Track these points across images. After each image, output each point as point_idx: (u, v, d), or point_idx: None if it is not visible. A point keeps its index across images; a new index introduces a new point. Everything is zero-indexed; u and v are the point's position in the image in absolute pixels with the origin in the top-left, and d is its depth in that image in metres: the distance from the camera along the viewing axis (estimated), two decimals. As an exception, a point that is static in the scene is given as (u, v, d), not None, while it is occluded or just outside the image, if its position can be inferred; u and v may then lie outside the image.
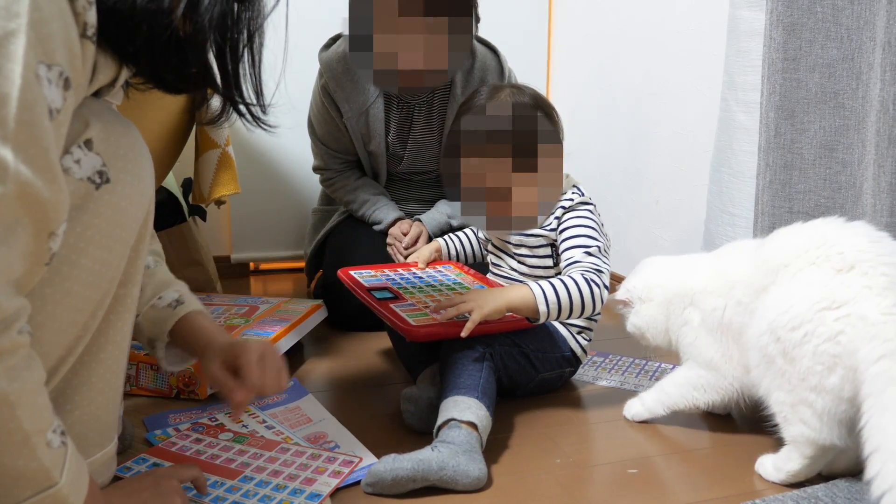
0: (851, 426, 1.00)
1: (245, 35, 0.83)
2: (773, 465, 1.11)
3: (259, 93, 0.88)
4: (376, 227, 1.92)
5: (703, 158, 1.77)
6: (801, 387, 1.04)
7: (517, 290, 1.29)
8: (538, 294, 1.26)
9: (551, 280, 1.29)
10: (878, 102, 1.12)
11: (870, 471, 0.90)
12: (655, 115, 2.05)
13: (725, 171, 1.43)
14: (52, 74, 0.66)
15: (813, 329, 1.02)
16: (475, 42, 1.82)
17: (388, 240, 1.88)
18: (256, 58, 0.86)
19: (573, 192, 1.41)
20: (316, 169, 2.02)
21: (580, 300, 1.26)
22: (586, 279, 1.28)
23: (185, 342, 1.05)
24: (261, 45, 0.86)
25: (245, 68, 0.85)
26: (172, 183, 2.11)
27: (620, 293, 1.36)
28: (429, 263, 1.63)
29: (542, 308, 1.25)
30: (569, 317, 1.28)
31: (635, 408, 1.33)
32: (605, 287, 1.29)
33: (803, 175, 1.26)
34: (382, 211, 1.92)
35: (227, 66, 0.84)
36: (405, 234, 1.85)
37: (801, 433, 1.05)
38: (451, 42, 1.51)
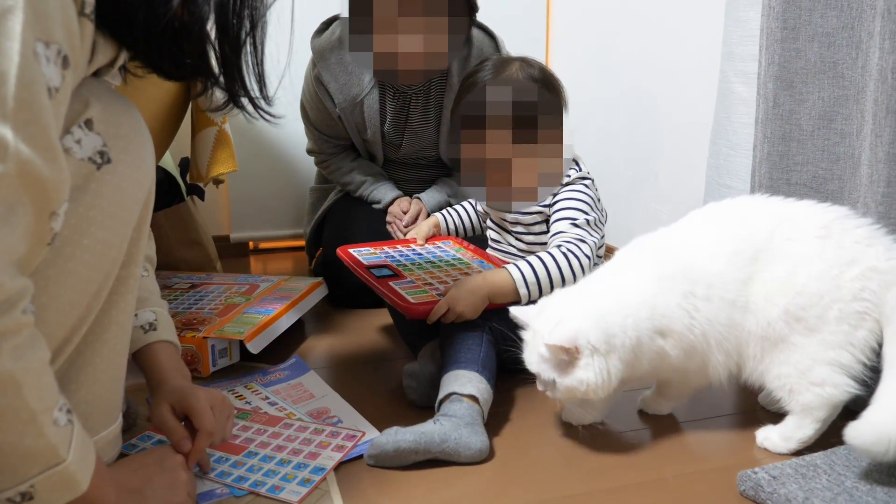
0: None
1: (247, 25, 0.83)
2: (781, 436, 1.12)
3: (262, 84, 0.88)
4: (375, 206, 1.92)
5: (702, 132, 1.76)
6: (818, 351, 1.06)
7: (496, 277, 1.29)
8: (517, 277, 1.27)
9: (529, 259, 1.29)
10: (877, 71, 1.11)
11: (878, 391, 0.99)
12: (655, 89, 2.04)
13: (723, 143, 1.43)
14: (50, 52, 0.65)
15: (834, 296, 1.05)
16: (473, 28, 1.81)
17: (388, 218, 1.88)
18: (259, 48, 0.85)
19: (571, 168, 1.41)
20: (310, 151, 2.02)
21: (559, 275, 1.28)
22: (563, 252, 1.29)
23: (143, 369, 1.06)
24: (263, 35, 0.85)
25: (247, 59, 0.85)
26: (170, 163, 2.10)
27: (558, 338, 1.03)
28: (427, 239, 1.63)
29: (523, 290, 1.27)
30: (552, 291, 1.28)
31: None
32: (587, 256, 1.30)
33: (801, 146, 1.25)
34: (381, 190, 1.92)
35: (227, 56, 0.83)
36: (405, 213, 1.85)
37: (818, 395, 1.06)
38: (451, 25, 1.51)
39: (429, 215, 1.84)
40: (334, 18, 1.83)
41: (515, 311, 1.16)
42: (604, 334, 1.04)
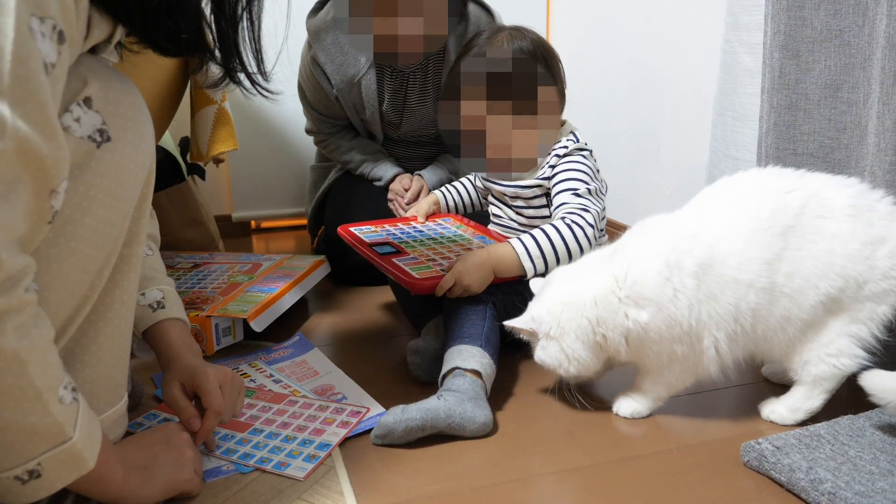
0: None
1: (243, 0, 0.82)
2: (789, 408, 1.12)
3: (259, 59, 0.87)
4: (377, 184, 1.92)
5: (705, 103, 1.75)
6: (842, 325, 1.06)
7: (500, 251, 1.28)
8: (521, 252, 1.27)
9: (532, 232, 1.29)
10: (885, 39, 1.10)
11: None
12: (657, 61, 2.03)
13: (730, 114, 1.42)
14: (45, 28, 0.64)
15: (868, 275, 1.04)
16: (469, 3, 1.79)
17: (389, 195, 1.88)
18: (256, 23, 0.84)
19: (568, 140, 1.40)
20: (309, 131, 2.01)
21: (564, 246, 1.27)
22: (567, 223, 1.28)
23: (154, 347, 1.07)
24: (260, 9, 0.84)
25: (244, 34, 0.84)
26: (170, 142, 2.10)
27: (516, 322, 1.16)
28: (428, 216, 1.63)
29: (528, 264, 1.26)
30: (559, 263, 1.28)
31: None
32: (591, 225, 1.28)
33: (808, 116, 1.24)
34: (381, 168, 1.91)
35: (224, 32, 0.82)
36: (406, 190, 1.84)
37: (832, 366, 1.07)
38: (450, 2, 1.50)
39: (430, 192, 1.83)
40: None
41: (534, 285, 1.21)
42: (554, 319, 1.11)
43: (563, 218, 1.29)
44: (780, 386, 1.23)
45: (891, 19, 1.08)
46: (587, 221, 1.28)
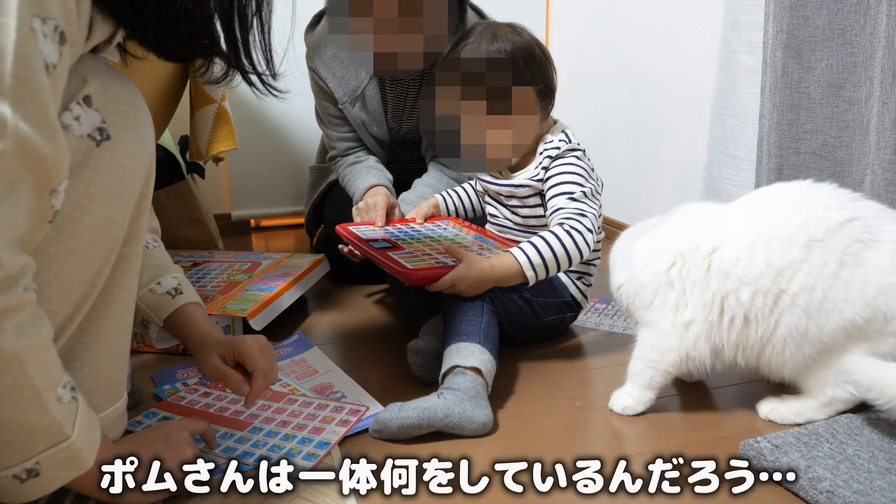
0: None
1: (254, 2, 0.83)
2: (793, 412, 1.11)
3: (269, 59, 0.88)
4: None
5: (704, 102, 1.76)
6: (863, 340, 1.04)
7: (504, 264, 1.27)
8: (522, 261, 1.26)
9: (532, 240, 1.28)
10: (885, 38, 1.10)
11: None
12: (656, 60, 2.03)
13: (728, 113, 1.42)
14: (47, 28, 0.64)
15: None
16: (468, 9, 1.79)
17: (354, 211, 1.72)
18: (265, 24, 0.85)
19: (560, 140, 1.39)
20: (331, 158, 1.91)
21: (565, 252, 1.27)
22: (566, 229, 1.28)
23: (178, 332, 1.09)
24: (269, 11, 0.85)
25: (254, 35, 0.84)
26: (169, 141, 2.10)
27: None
28: (427, 219, 1.62)
29: (530, 273, 1.26)
30: (560, 270, 1.29)
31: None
32: (590, 230, 1.29)
33: (810, 114, 1.24)
34: (357, 182, 1.79)
35: (235, 35, 0.83)
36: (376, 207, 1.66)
37: (849, 392, 1.06)
38: (450, 12, 1.49)
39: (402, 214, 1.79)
40: (324, 12, 1.79)
41: None
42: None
43: (561, 224, 1.29)
44: (779, 385, 1.23)
45: (890, 18, 1.08)
46: (586, 227, 1.28)
